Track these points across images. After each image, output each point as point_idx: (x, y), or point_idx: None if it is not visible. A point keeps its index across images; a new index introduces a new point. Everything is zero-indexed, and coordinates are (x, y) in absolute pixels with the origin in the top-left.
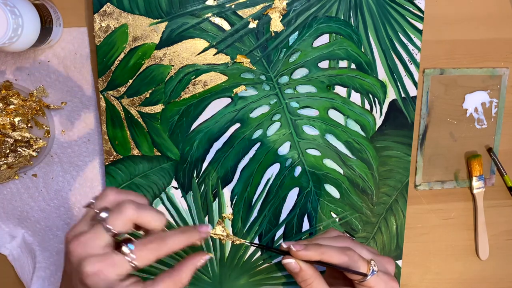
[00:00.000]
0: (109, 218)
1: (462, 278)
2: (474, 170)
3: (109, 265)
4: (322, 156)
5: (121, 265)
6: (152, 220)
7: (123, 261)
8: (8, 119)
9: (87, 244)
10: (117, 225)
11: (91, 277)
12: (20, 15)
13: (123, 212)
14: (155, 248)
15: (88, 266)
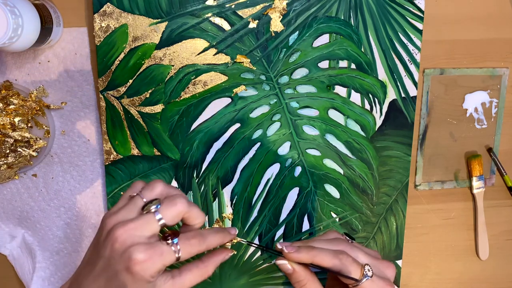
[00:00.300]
0: (161, 209)
1: (462, 278)
2: (474, 170)
3: (157, 254)
4: (322, 156)
5: (167, 256)
6: (197, 217)
7: (170, 251)
8: (8, 119)
9: (136, 231)
10: (168, 216)
11: (140, 264)
12: (20, 15)
13: (177, 204)
14: (196, 244)
15: (138, 253)
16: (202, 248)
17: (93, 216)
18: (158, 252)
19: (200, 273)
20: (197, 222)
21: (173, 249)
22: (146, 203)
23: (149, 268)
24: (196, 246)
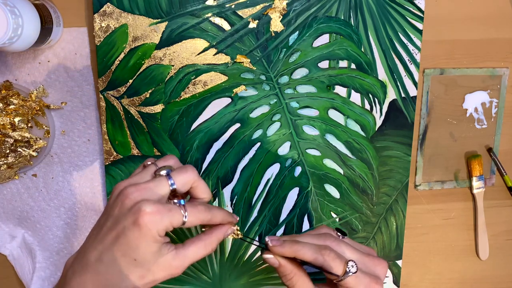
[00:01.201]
0: (173, 174)
1: (462, 278)
2: (474, 170)
3: (166, 210)
4: (322, 156)
5: (175, 214)
6: (205, 191)
7: (178, 211)
8: (8, 119)
9: (147, 190)
10: (179, 181)
11: (148, 216)
12: (20, 15)
13: (188, 172)
14: (203, 210)
15: (148, 205)
16: (207, 217)
17: (93, 216)
18: (167, 208)
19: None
20: (204, 197)
21: (181, 210)
22: (158, 168)
23: (157, 222)
24: (202, 213)
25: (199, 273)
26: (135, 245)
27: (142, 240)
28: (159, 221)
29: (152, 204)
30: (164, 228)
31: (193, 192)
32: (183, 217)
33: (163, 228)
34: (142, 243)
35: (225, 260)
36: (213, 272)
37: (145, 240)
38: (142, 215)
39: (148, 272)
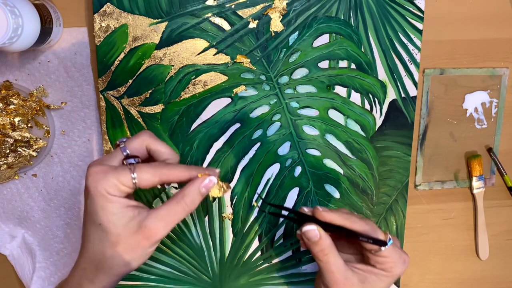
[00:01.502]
0: (126, 141)
1: (462, 278)
2: (474, 170)
3: (111, 169)
4: (322, 156)
5: (122, 172)
6: (165, 151)
7: (125, 169)
8: (8, 119)
9: (102, 160)
10: (131, 145)
11: (92, 176)
12: (20, 15)
13: (138, 136)
14: (155, 169)
15: (92, 168)
16: (163, 177)
17: None
18: (112, 168)
19: (175, 202)
20: (166, 157)
21: (129, 169)
22: (116, 142)
23: (101, 180)
24: (155, 172)
25: (199, 273)
26: (92, 209)
27: (95, 202)
28: (103, 179)
29: (98, 165)
30: (112, 186)
31: (154, 156)
32: (131, 175)
33: (110, 186)
34: (96, 205)
35: (225, 260)
36: (213, 272)
37: (97, 201)
38: (87, 178)
39: (119, 237)
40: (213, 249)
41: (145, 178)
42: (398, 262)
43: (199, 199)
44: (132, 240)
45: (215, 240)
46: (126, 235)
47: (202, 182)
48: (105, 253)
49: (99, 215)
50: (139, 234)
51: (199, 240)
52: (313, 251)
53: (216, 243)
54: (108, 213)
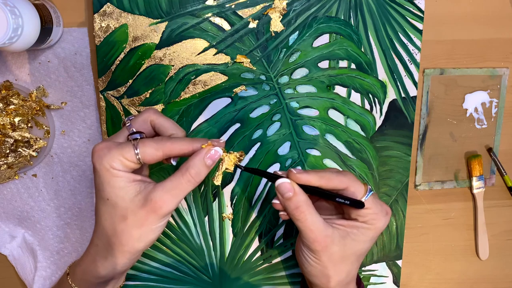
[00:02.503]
0: (132, 119)
1: (462, 278)
2: (474, 170)
3: (115, 145)
4: (322, 156)
5: (125, 148)
6: (170, 126)
7: (128, 145)
8: (8, 119)
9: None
10: (135, 122)
11: (97, 152)
12: (20, 15)
13: (143, 113)
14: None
15: (97, 145)
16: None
17: (93, 216)
18: (116, 144)
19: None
20: (172, 133)
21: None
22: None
23: (105, 155)
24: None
25: (199, 273)
26: (99, 185)
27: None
28: (107, 154)
29: (102, 143)
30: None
31: (160, 132)
32: (134, 151)
33: (114, 161)
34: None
35: (225, 260)
36: (213, 272)
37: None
38: (93, 155)
39: (127, 211)
40: (213, 249)
41: (148, 152)
42: (380, 214)
43: (205, 170)
44: (140, 214)
45: (215, 240)
46: (133, 208)
47: (206, 153)
48: (115, 227)
49: (106, 190)
50: (146, 207)
51: (199, 240)
52: (289, 210)
53: (216, 243)
54: (114, 188)
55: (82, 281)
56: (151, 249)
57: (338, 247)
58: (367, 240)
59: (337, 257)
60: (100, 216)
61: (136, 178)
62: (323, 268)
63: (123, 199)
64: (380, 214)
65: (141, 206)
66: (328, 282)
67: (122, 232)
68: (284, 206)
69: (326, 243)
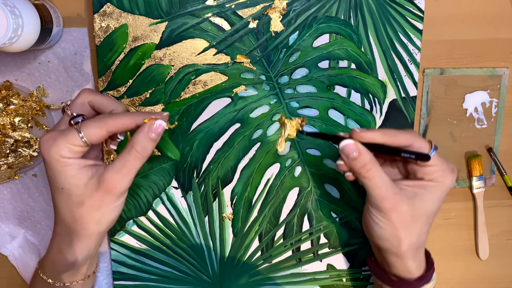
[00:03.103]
0: (70, 104)
1: (462, 278)
2: (474, 170)
3: (59, 133)
4: (322, 156)
5: (70, 134)
6: (109, 103)
7: (71, 131)
8: (8, 119)
9: (50, 130)
10: (73, 106)
11: (43, 144)
12: (20, 15)
13: (79, 96)
14: (100, 122)
15: (43, 137)
16: (102, 127)
17: None
18: (60, 132)
19: (127, 152)
20: (112, 109)
21: (75, 129)
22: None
23: (52, 146)
24: (95, 125)
25: (199, 273)
26: (51, 176)
27: (53, 168)
28: (53, 145)
29: (47, 134)
30: (63, 149)
31: (100, 110)
32: (78, 135)
33: (62, 149)
34: (54, 171)
35: (225, 260)
36: (213, 272)
37: (54, 167)
38: (40, 147)
39: (83, 197)
40: (213, 249)
41: (93, 133)
42: (447, 171)
43: (150, 145)
44: (96, 197)
45: (215, 240)
46: (89, 193)
47: (150, 127)
48: (74, 214)
49: (60, 181)
50: (101, 190)
51: (199, 240)
52: (355, 169)
53: (216, 243)
54: (67, 177)
55: (53, 272)
56: (151, 249)
57: (408, 206)
58: (435, 199)
59: (407, 217)
60: (57, 206)
61: (87, 163)
62: (393, 229)
63: (77, 186)
64: (447, 171)
65: (95, 189)
66: (399, 245)
67: (82, 218)
68: (350, 166)
69: (395, 200)
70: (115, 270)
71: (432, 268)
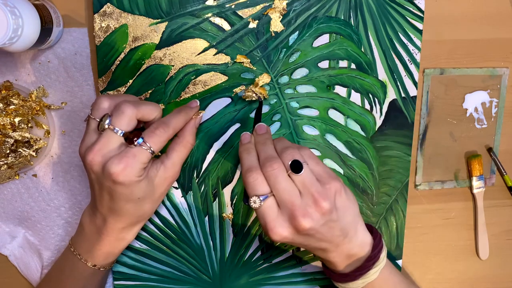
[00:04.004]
0: (113, 122)
1: (462, 278)
2: (474, 170)
3: (131, 158)
4: (322, 156)
5: (140, 155)
6: (151, 112)
7: (141, 150)
8: (8, 119)
9: (102, 150)
10: (122, 125)
11: (121, 173)
12: (20, 16)
13: (124, 112)
14: (162, 132)
15: (114, 166)
16: (169, 133)
17: None
18: (131, 156)
19: (183, 146)
20: (154, 116)
21: (144, 147)
22: (98, 123)
23: (130, 172)
24: (163, 134)
25: (199, 273)
26: (129, 193)
27: (131, 188)
28: (131, 171)
29: (118, 162)
30: (138, 170)
31: (143, 119)
32: (148, 151)
33: (138, 171)
34: (133, 189)
35: (225, 260)
36: (213, 272)
37: (132, 187)
38: (115, 176)
39: (153, 196)
40: (213, 249)
41: (160, 146)
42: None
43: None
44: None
45: (215, 240)
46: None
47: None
48: (145, 211)
49: (136, 193)
50: (165, 185)
51: (199, 240)
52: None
53: (216, 243)
54: (142, 188)
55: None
56: (151, 249)
57: None
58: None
59: None
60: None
61: (148, 165)
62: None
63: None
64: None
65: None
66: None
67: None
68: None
69: None
70: (115, 270)
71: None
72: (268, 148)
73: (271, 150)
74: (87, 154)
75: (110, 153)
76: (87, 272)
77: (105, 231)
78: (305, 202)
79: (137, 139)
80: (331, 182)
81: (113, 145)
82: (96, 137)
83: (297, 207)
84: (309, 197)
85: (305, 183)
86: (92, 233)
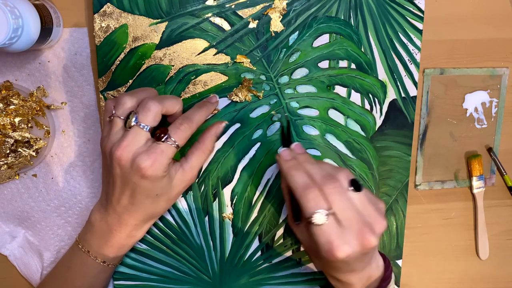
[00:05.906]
0: (140, 119)
1: (462, 278)
2: (474, 170)
3: (159, 154)
4: (322, 156)
5: (167, 150)
6: (174, 105)
7: (167, 146)
8: (8, 119)
9: (130, 146)
10: (149, 121)
11: (150, 168)
12: (20, 16)
13: (150, 109)
14: (187, 127)
15: (144, 161)
16: (193, 129)
17: None
18: (159, 152)
19: (202, 151)
20: (176, 110)
21: (169, 142)
22: (125, 120)
23: (159, 167)
24: (187, 130)
25: (199, 273)
26: (151, 188)
27: (155, 183)
28: (159, 166)
29: (147, 158)
30: (165, 166)
31: (166, 114)
32: (174, 146)
33: (164, 166)
34: (156, 185)
35: (225, 260)
36: (213, 272)
37: (156, 182)
38: (144, 171)
39: (170, 195)
40: (213, 249)
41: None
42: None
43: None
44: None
45: (215, 240)
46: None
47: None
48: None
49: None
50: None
51: (199, 240)
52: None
53: (216, 243)
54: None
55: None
56: (151, 249)
57: None
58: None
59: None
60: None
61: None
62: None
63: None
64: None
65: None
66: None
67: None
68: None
69: None
70: (115, 270)
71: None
72: (322, 166)
73: (327, 168)
74: (115, 150)
75: (138, 149)
76: (96, 269)
77: (118, 227)
78: (368, 220)
79: (164, 135)
80: (379, 201)
81: (140, 141)
82: (121, 133)
83: (365, 224)
84: (369, 215)
85: (364, 201)
86: (103, 229)
